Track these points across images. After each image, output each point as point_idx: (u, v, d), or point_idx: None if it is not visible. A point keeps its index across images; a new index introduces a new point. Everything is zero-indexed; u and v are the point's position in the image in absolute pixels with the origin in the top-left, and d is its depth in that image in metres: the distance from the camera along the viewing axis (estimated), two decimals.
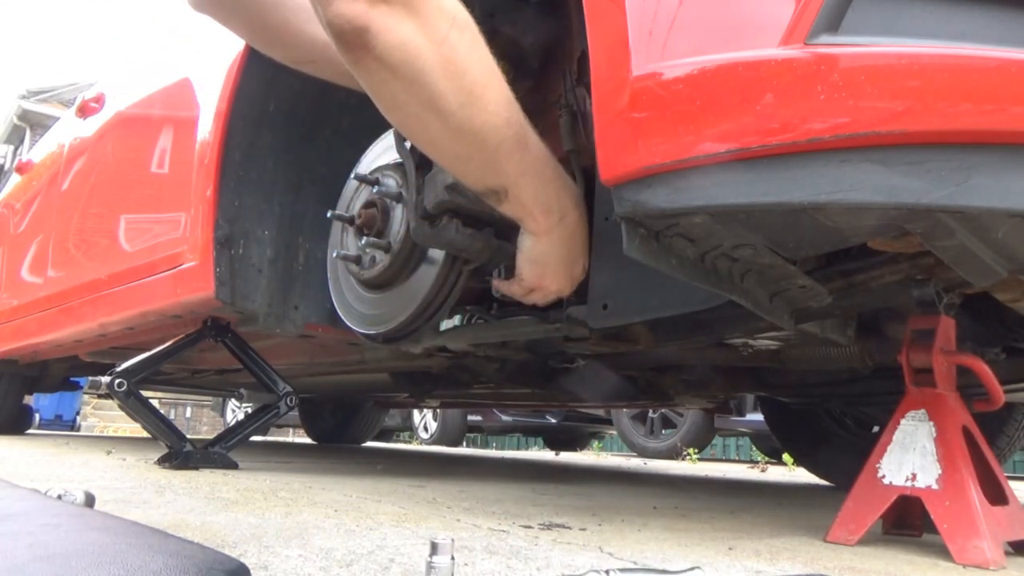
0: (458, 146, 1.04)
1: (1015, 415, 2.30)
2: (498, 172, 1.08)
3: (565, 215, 1.15)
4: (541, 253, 1.18)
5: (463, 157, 1.07)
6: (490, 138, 1.03)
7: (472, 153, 1.05)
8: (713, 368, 2.08)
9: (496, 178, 1.09)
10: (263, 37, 1.42)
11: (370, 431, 5.10)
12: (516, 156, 1.07)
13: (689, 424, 6.07)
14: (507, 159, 1.06)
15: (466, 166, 1.09)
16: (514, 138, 1.05)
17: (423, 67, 0.95)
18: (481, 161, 1.06)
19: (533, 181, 1.10)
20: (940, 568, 0.99)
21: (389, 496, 1.55)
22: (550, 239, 1.16)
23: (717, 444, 8.87)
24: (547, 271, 1.20)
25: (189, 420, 13.06)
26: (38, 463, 2.08)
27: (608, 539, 1.09)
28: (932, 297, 1.16)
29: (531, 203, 1.12)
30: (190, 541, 0.63)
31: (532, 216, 1.14)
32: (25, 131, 16.38)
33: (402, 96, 0.98)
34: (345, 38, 0.93)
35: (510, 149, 1.06)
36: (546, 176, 1.12)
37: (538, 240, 1.17)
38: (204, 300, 1.88)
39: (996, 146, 0.73)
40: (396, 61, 0.94)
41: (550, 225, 1.15)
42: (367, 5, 0.91)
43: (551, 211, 1.14)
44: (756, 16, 0.84)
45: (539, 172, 1.11)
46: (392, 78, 0.96)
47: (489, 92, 1.01)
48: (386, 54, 0.93)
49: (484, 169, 1.08)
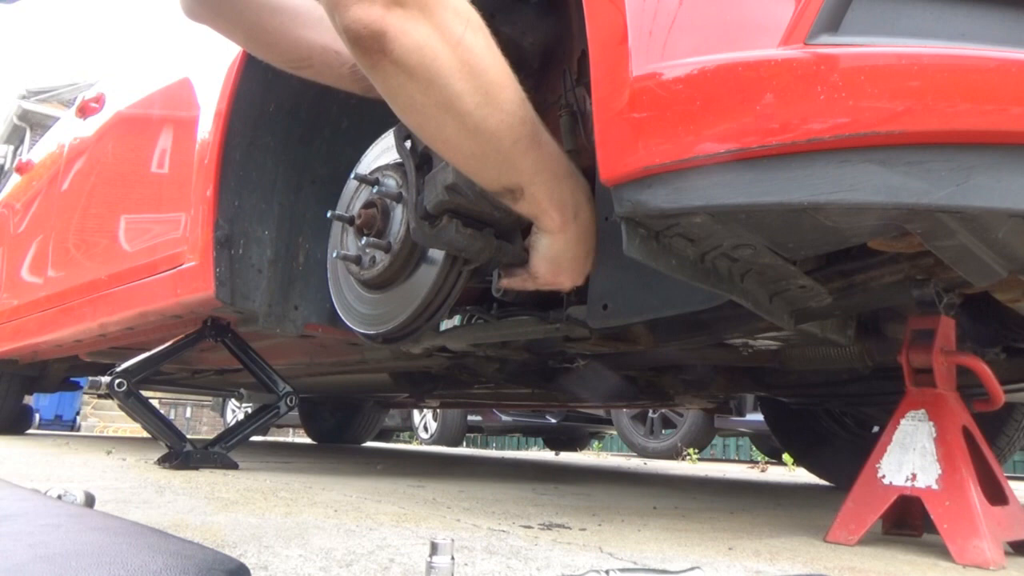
0: (475, 146, 1.05)
1: (1015, 415, 2.30)
2: (514, 170, 1.08)
3: (579, 211, 1.16)
4: (558, 251, 1.18)
5: (479, 156, 1.07)
6: (506, 137, 1.03)
7: (488, 152, 1.06)
8: (713, 368, 2.08)
9: (512, 177, 1.09)
10: (260, 43, 1.42)
11: (370, 431, 5.10)
12: (532, 154, 1.08)
13: (689, 424, 6.07)
14: (523, 157, 1.07)
15: (482, 165, 1.10)
16: (529, 136, 1.06)
17: (440, 69, 0.95)
18: (497, 160, 1.07)
19: (548, 179, 1.11)
20: (940, 568, 0.99)
21: (389, 496, 1.55)
22: (565, 236, 1.17)
23: (717, 444, 8.88)
24: (563, 268, 1.20)
25: (189, 420, 13.05)
26: (38, 463, 2.08)
27: (608, 539, 1.09)
28: (932, 297, 1.16)
29: (546, 201, 1.13)
30: (190, 541, 0.63)
31: (548, 214, 1.14)
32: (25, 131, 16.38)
33: (419, 98, 0.99)
34: (362, 43, 0.93)
35: (525, 147, 1.06)
36: (560, 174, 1.13)
37: (554, 238, 1.17)
38: (204, 300, 1.88)
39: (996, 146, 0.73)
40: (413, 64, 0.95)
41: (565, 222, 1.15)
42: (383, 9, 0.92)
43: (566, 208, 1.14)
44: (756, 16, 0.84)
45: (553, 170, 1.12)
46: (409, 81, 0.97)
47: (504, 92, 1.02)
48: (403, 57, 0.94)
49: (500, 168, 1.08)
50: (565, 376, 2.24)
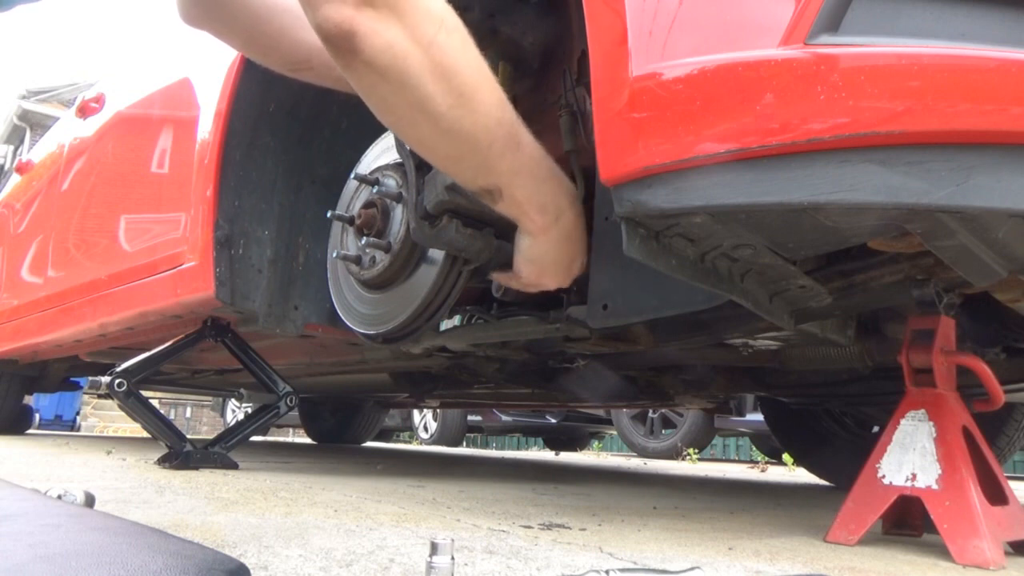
0: (449, 147, 1.05)
1: (1015, 415, 2.30)
2: (491, 172, 1.08)
3: (561, 215, 1.16)
4: (539, 253, 1.19)
5: (454, 158, 1.08)
6: (481, 139, 1.03)
7: (463, 154, 1.06)
8: (713, 368, 2.08)
9: (489, 178, 1.09)
10: (258, 47, 1.41)
11: (370, 431, 5.10)
12: (508, 156, 1.08)
13: (689, 424, 6.07)
14: (499, 159, 1.07)
15: (458, 166, 1.10)
16: (505, 138, 1.06)
17: (410, 70, 0.95)
18: (473, 162, 1.07)
19: (527, 181, 1.11)
20: (940, 568, 0.99)
21: (389, 496, 1.55)
22: (547, 238, 1.17)
23: (717, 444, 8.87)
24: (545, 270, 1.21)
25: (189, 420, 13.05)
26: (38, 463, 2.08)
27: (608, 539, 1.09)
28: (932, 297, 1.16)
29: (526, 202, 1.13)
30: (190, 541, 0.63)
31: (528, 215, 1.14)
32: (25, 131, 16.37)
33: (392, 99, 1.00)
34: (333, 42, 0.94)
35: (501, 149, 1.06)
36: (540, 175, 1.13)
37: (535, 240, 1.17)
38: (204, 300, 1.88)
39: (996, 146, 0.73)
40: (384, 64, 0.95)
41: (546, 224, 1.15)
42: (353, 9, 0.92)
43: (547, 210, 1.14)
44: (756, 16, 0.84)
45: (532, 172, 1.12)
46: (381, 81, 0.97)
47: (479, 94, 1.01)
48: (374, 58, 0.94)
49: (476, 169, 1.08)
50: (565, 376, 2.23)
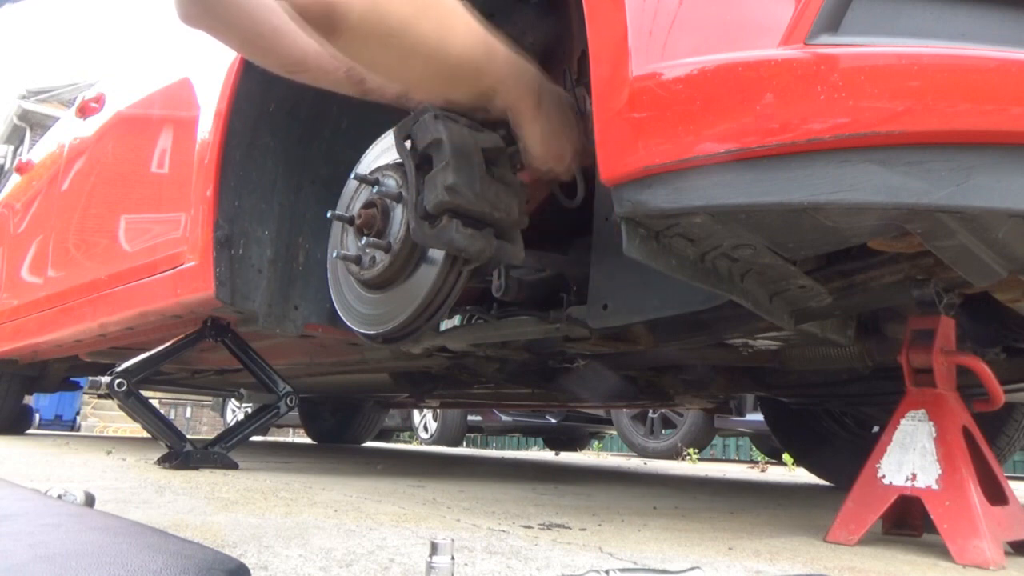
0: (447, 70, 1.15)
1: (1015, 415, 2.30)
2: (484, 75, 1.19)
3: (543, 94, 1.26)
4: (542, 128, 1.27)
5: (452, 79, 1.18)
6: (471, 52, 1.14)
7: (461, 72, 1.16)
8: (713, 368, 2.08)
9: (484, 81, 1.20)
10: (256, 48, 1.42)
11: (370, 431, 5.10)
12: (494, 59, 1.19)
13: (689, 424, 6.07)
14: (488, 64, 1.18)
15: (455, 86, 1.20)
16: (486, 44, 1.16)
17: (397, 22, 1.03)
18: (468, 74, 1.18)
19: (513, 72, 1.22)
20: (940, 568, 0.99)
21: (389, 496, 1.55)
22: (542, 114, 1.26)
23: (717, 444, 8.87)
24: (551, 145, 1.29)
25: (189, 420, 13.04)
26: (38, 463, 2.08)
27: (608, 539, 1.09)
28: (932, 297, 1.16)
29: (516, 90, 1.22)
30: (190, 541, 0.63)
31: (522, 100, 1.24)
32: (25, 131, 16.37)
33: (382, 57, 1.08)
34: (316, 21, 0.97)
35: (486, 55, 1.17)
36: (520, 66, 1.24)
37: (535, 119, 1.26)
38: (204, 300, 1.87)
39: (996, 146, 0.73)
40: (371, 26, 1.02)
41: (537, 104, 1.25)
42: None
43: (532, 92, 1.25)
44: (756, 16, 0.84)
45: (513, 64, 1.22)
46: (371, 40, 1.04)
47: (455, 18, 1.10)
48: (359, 23, 1.01)
49: (472, 81, 1.19)
50: (565, 376, 2.23)
